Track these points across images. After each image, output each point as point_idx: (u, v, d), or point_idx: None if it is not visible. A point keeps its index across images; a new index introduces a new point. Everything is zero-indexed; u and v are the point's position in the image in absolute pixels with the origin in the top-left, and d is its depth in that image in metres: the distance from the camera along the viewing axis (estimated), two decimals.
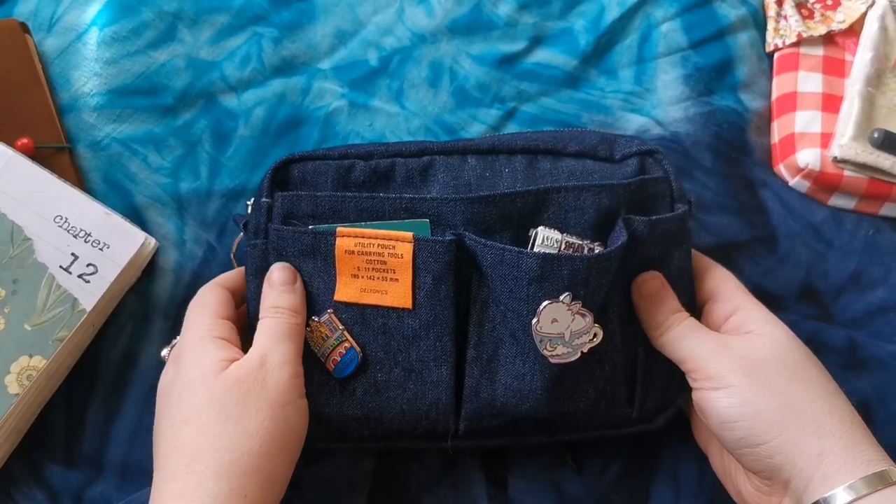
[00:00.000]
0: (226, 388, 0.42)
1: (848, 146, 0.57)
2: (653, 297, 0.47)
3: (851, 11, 0.61)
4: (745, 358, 0.44)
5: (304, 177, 0.49)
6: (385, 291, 0.46)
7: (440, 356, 0.46)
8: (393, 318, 0.46)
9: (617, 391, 0.48)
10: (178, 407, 0.43)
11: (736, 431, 0.43)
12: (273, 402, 0.42)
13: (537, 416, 0.46)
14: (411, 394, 0.46)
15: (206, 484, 0.39)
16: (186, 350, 0.45)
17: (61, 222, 0.50)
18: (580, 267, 0.44)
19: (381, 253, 0.45)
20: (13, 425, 0.49)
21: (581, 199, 0.47)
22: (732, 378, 0.44)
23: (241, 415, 0.42)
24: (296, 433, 0.44)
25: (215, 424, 0.41)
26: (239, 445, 0.41)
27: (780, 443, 0.42)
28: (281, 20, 0.60)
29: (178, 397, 0.43)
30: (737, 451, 0.44)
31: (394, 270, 0.46)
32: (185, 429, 0.42)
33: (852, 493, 0.40)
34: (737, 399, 0.43)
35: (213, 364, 0.43)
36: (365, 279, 0.46)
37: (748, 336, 0.46)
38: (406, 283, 0.46)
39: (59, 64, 0.57)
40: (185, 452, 0.41)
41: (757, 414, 0.43)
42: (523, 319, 0.44)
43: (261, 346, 0.45)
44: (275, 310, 0.46)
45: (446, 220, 0.47)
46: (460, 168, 0.49)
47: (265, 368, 0.43)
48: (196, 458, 0.40)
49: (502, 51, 0.61)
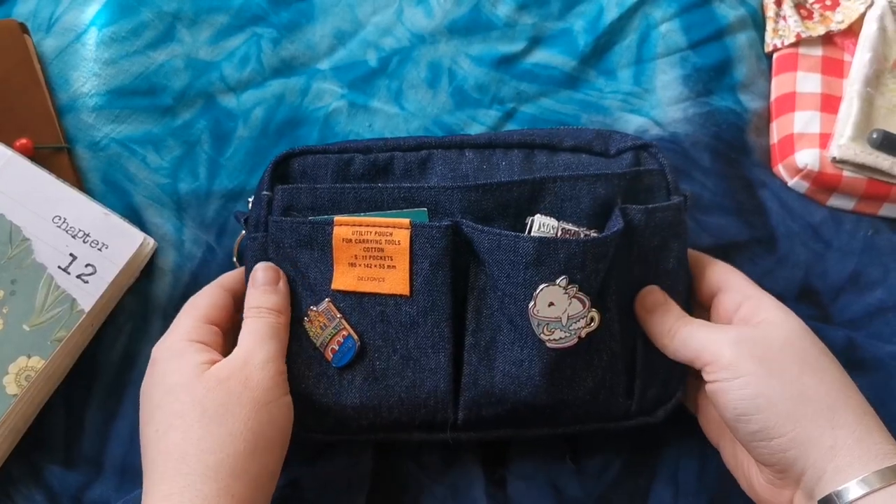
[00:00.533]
0: (208, 390, 0.43)
1: (847, 146, 0.57)
2: (656, 308, 0.48)
3: (850, 12, 0.61)
4: (758, 345, 0.44)
5: (304, 170, 0.49)
6: (382, 279, 0.46)
7: (438, 343, 0.46)
8: (390, 306, 0.46)
9: (616, 381, 0.48)
10: (161, 412, 0.43)
11: (751, 425, 0.43)
12: (257, 402, 0.43)
13: (536, 403, 0.46)
14: (409, 381, 0.46)
15: (194, 485, 0.40)
16: (164, 355, 0.46)
17: (60, 222, 0.50)
18: (576, 250, 0.44)
19: (378, 240, 0.46)
20: (12, 426, 0.49)
21: (577, 188, 0.47)
22: (746, 366, 0.43)
23: (225, 416, 0.42)
24: (281, 430, 0.44)
25: (199, 427, 0.42)
26: (224, 447, 0.41)
27: (794, 436, 0.42)
28: (280, 21, 0.60)
29: (161, 402, 0.44)
30: (751, 444, 0.44)
31: (391, 257, 0.46)
32: (170, 433, 0.42)
33: (865, 486, 0.40)
34: (751, 390, 0.43)
35: (193, 368, 0.44)
36: (362, 267, 0.46)
37: (760, 325, 0.45)
38: (403, 269, 0.46)
39: (58, 64, 0.57)
40: (171, 456, 0.41)
41: (771, 406, 0.42)
42: (521, 304, 0.45)
43: (244, 346, 0.45)
44: (258, 310, 0.46)
45: (444, 208, 0.47)
46: (458, 161, 0.49)
47: (248, 368, 0.44)
48: (183, 461, 0.41)
49: (501, 51, 0.61)
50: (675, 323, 0.47)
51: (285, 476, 0.51)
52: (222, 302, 0.49)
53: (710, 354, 0.45)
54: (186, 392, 0.43)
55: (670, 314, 0.47)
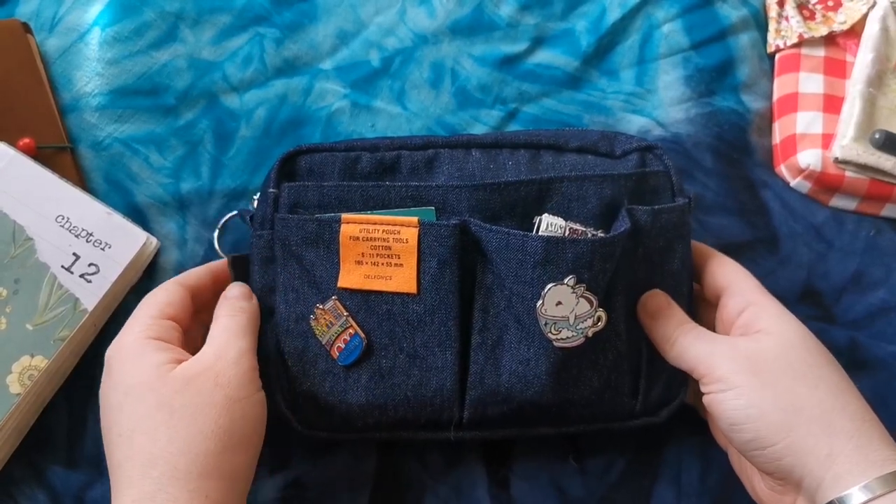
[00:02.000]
0: (175, 390, 0.41)
1: (849, 147, 0.57)
2: (658, 313, 0.48)
3: (853, 12, 0.61)
4: (752, 358, 0.44)
5: (311, 168, 0.49)
6: (389, 277, 0.46)
7: (444, 341, 0.46)
8: (398, 304, 0.46)
9: (621, 381, 0.48)
10: (123, 415, 0.42)
11: (744, 434, 0.43)
12: (229, 399, 0.42)
13: (542, 402, 0.46)
14: (416, 380, 0.46)
15: (164, 489, 0.39)
16: (120, 354, 0.44)
17: (63, 222, 0.50)
18: (584, 250, 0.44)
19: (385, 238, 0.46)
20: (14, 425, 0.49)
21: (584, 188, 0.47)
22: (739, 379, 0.44)
23: (194, 416, 0.41)
24: (255, 427, 0.43)
25: (166, 429, 0.40)
26: (193, 447, 0.40)
27: (787, 444, 0.42)
28: (283, 20, 0.60)
29: (121, 404, 0.42)
30: (747, 453, 0.44)
31: (398, 255, 0.46)
32: (135, 437, 0.41)
33: (868, 493, 0.40)
34: (743, 401, 0.43)
35: (155, 367, 0.42)
36: (369, 265, 0.46)
37: (756, 335, 0.46)
38: (411, 267, 0.46)
39: (61, 64, 0.57)
40: (138, 460, 0.40)
41: (763, 416, 0.43)
42: (528, 303, 0.45)
43: (215, 343, 0.44)
44: (230, 309, 0.46)
45: (452, 207, 0.47)
46: (465, 160, 0.49)
47: (219, 364, 0.43)
48: (151, 465, 0.40)
49: (504, 51, 0.61)
50: (674, 331, 0.47)
51: (287, 476, 0.51)
52: (180, 299, 0.47)
53: (705, 367, 0.45)
54: (151, 393, 0.41)
55: (671, 320, 0.47)
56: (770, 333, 0.45)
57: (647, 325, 0.48)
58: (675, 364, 0.48)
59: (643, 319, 0.49)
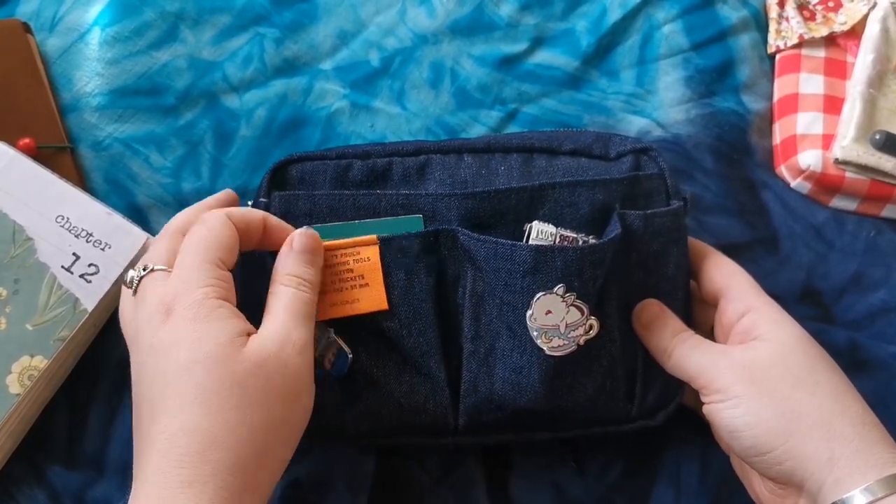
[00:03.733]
0: (247, 371, 0.37)
1: (849, 148, 0.57)
2: (653, 323, 0.48)
3: (853, 13, 0.61)
4: (749, 367, 0.44)
5: (303, 177, 0.49)
6: (356, 300, 0.45)
7: (427, 351, 0.46)
8: (373, 323, 0.46)
9: (616, 386, 0.48)
10: (187, 382, 0.37)
11: (743, 441, 0.43)
12: (294, 390, 0.39)
13: (536, 409, 0.46)
14: (407, 387, 0.46)
15: (220, 475, 0.36)
16: (189, 312, 0.38)
17: (63, 222, 0.50)
18: (573, 258, 0.44)
19: (345, 262, 0.45)
20: (14, 425, 0.49)
21: (576, 194, 0.47)
22: (737, 389, 0.44)
23: (263, 404, 0.38)
24: (305, 421, 0.41)
25: (236, 413, 0.37)
26: (259, 437, 0.37)
27: (787, 449, 0.42)
28: (283, 20, 0.60)
29: (188, 371, 0.37)
30: (748, 459, 0.44)
31: (362, 276, 0.45)
32: (196, 409, 0.36)
33: (869, 495, 0.40)
34: (741, 409, 0.43)
35: (229, 339, 0.38)
36: (332, 292, 0.45)
37: (754, 343, 0.46)
38: (378, 284, 0.45)
39: (61, 64, 0.57)
40: (197, 437, 0.36)
41: (761, 422, 0.43)
42: (519, 312, 0.45)
43: (280, 322, 0.40)
44: (297, 280, 0.42)
45: (441, 215, 0.47)
46: (457, 166, 0.49)
47: (286, 351, 0.39)
48: (212, 447, 0.36)
49: (504, 52, 0.61)
50: (670, 342, 0.47)
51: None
52: (235, 245, 0.41)
53: (703, 379, 0.45)
54: (225, 368, 0.37)
55: (666, 330, 0.47)
56: (768, 340, 0.45)
57: (642, 335, 0.48)
58: (673, 374, 0.48)
59: (638, 330, 0.48)
